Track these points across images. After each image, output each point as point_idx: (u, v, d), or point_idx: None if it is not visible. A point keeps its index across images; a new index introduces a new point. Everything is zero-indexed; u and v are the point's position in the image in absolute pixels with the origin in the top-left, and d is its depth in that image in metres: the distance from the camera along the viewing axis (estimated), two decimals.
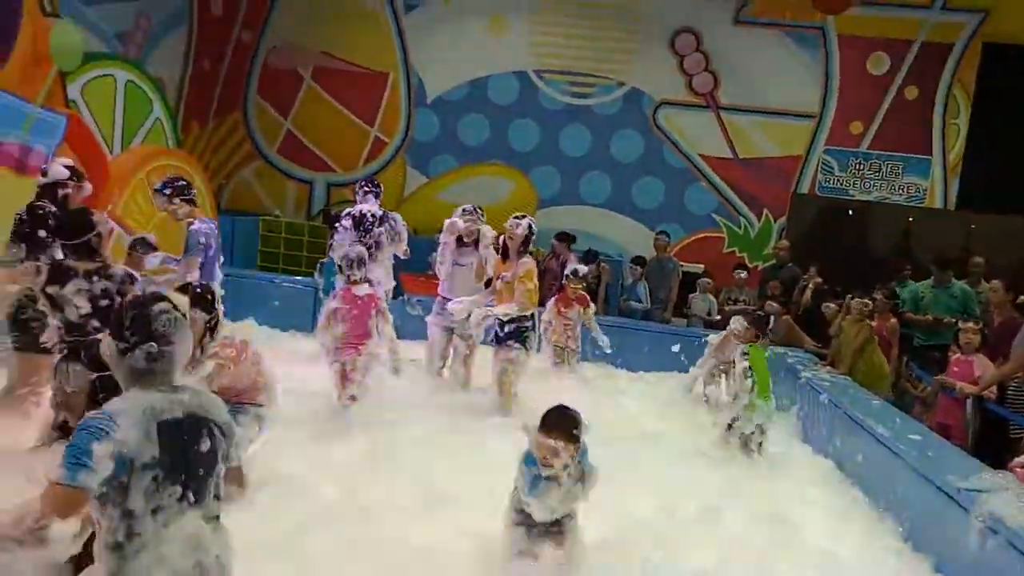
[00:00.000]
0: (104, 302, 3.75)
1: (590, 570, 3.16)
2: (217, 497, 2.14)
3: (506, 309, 5.59)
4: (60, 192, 4.61)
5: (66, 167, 4.72)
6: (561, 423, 2.91)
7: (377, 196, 6.56)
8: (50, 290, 3.71)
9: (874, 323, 6.64)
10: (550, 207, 11.00)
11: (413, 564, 3.28)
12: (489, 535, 3.31)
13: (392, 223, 6.42)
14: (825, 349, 7.21)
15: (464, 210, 6.21)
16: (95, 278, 3.77)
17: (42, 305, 3.84)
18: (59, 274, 3.76)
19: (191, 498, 2.03)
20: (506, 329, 5.63)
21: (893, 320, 7.24)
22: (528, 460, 2.99)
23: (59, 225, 4.20)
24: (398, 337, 5.67)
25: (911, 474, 4.20)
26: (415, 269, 7.95)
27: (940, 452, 4.37)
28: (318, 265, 7.89)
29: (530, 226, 5.71)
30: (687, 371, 7.73)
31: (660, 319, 8.85)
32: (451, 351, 6.41)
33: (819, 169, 10.56)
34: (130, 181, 7.23)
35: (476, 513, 3.61)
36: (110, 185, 7.04)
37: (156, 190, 5.40)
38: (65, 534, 2.79)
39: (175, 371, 2.13)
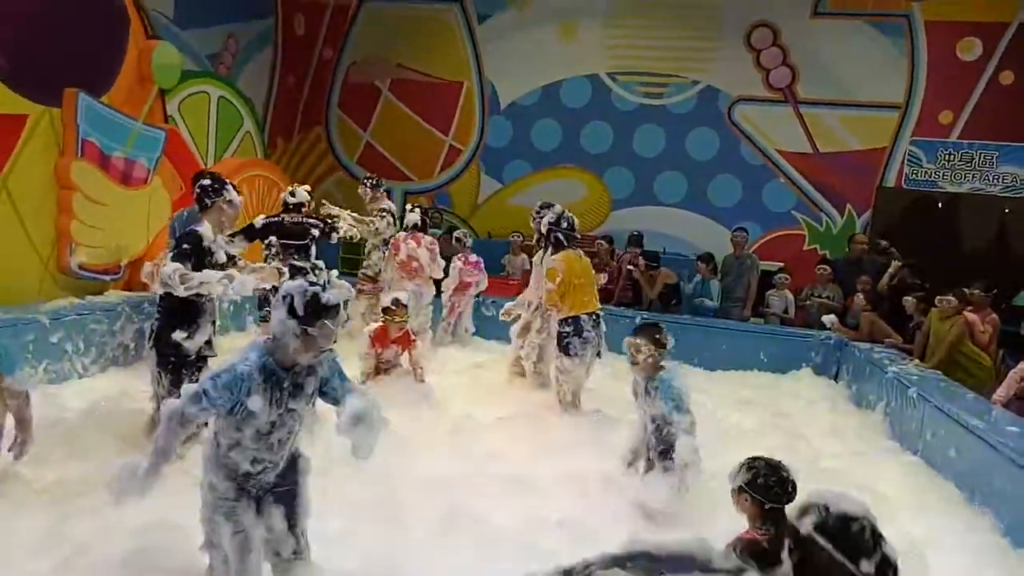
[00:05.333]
0: None
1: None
2: None
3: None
4: (304, 209, 6.59)
5: (306, 191, 6.67)
6: (644, 328, 4.06)
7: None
8: None
9: (968, 317, 6.33)
10: (624, 208, 10.98)
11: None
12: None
13: None
14: (908, 344, 6.91)
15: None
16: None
17: None
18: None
19: None
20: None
21: (993, 315, 6.88)
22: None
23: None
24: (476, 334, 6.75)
25: (1010, 467, 4.00)
26: (490, 272, 8.10)
27: None
28: None
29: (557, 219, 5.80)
30: (766, 369, 7.65)
31: (738, 317, 8.69)
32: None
33: (905, 161, 10.14)
34: None
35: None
36: None
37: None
38: None
39: None
